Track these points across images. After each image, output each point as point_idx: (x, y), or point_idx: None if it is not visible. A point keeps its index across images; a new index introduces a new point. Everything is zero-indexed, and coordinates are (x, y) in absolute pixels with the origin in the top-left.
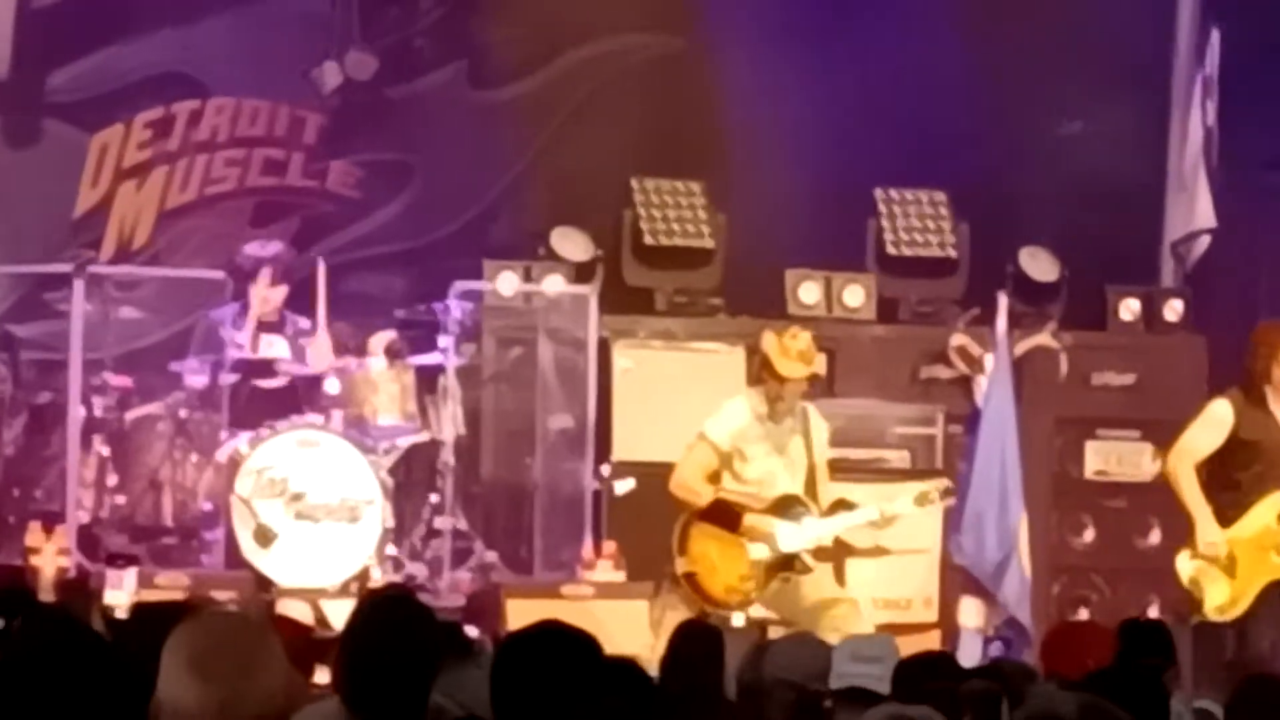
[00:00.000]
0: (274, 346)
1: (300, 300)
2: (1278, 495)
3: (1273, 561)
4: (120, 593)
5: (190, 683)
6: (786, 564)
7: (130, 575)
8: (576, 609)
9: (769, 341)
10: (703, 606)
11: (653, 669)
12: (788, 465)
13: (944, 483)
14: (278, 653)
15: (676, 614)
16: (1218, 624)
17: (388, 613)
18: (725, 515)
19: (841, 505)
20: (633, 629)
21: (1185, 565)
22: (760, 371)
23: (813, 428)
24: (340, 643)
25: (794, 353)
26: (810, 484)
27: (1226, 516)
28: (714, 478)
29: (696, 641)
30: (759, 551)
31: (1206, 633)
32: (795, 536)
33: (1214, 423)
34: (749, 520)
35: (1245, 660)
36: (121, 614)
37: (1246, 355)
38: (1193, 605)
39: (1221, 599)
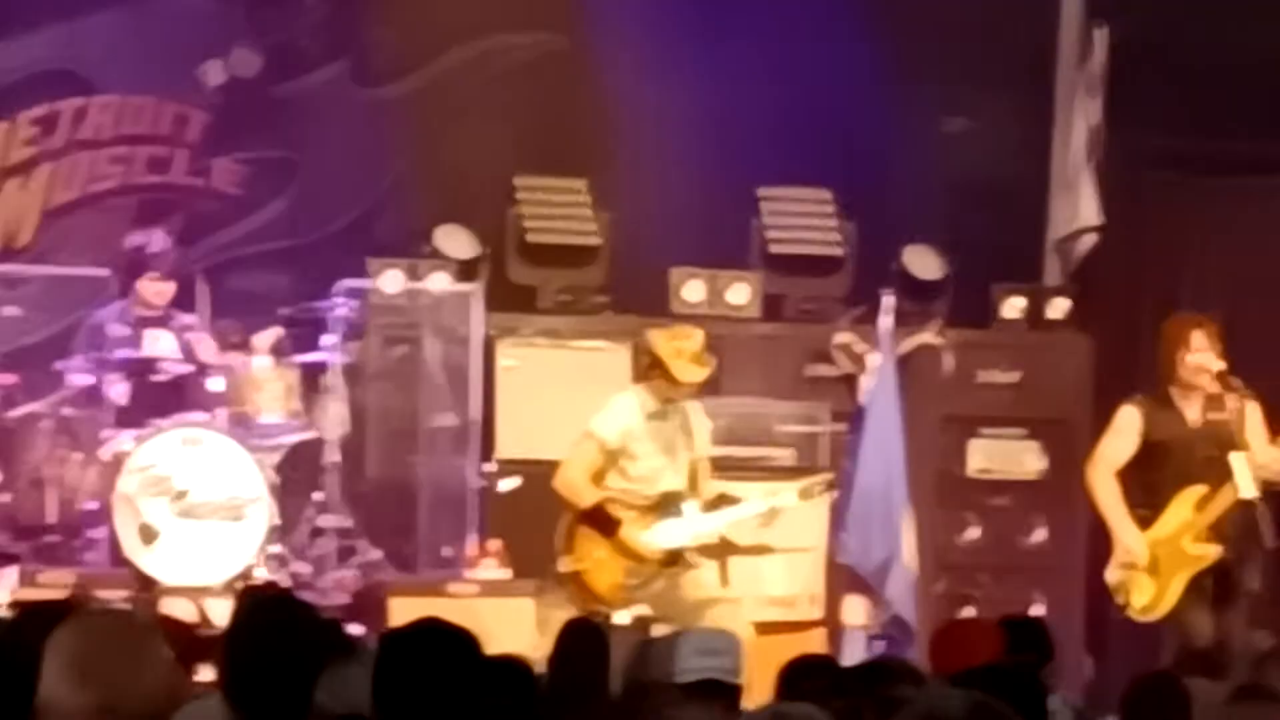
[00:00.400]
0: (160, 341)
1: (185, 297)
2: (1193, 489)
3: (1189, 553)
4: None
5: (72, 683)
6: (672, 561)
7: (10, 574)
8: (461, 607)
9: (660, 344)
10: (588, 604)
11: (539, 667)
12: (673, 462)
13: (827, 476)
14: (162, 651)
15: (563, 613)
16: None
17: (271, 612)
18: (605, 522)
19: (725, 500)
20: (518, 627)
21: (1112, 574)
22: (649, 370)
23: (694, 424)
24: (223, 642)
25: (688, 355)
26: (693, 481)
27: (1143, 518)
28: (599, 475)
29: (582, 639)
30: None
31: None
32: (679, 533)
33: (1124, 429)
34: (624, 534)
35: (1185, 655)
36: (1, 612)
37: (1157, 353)
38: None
39: (1145, 600)
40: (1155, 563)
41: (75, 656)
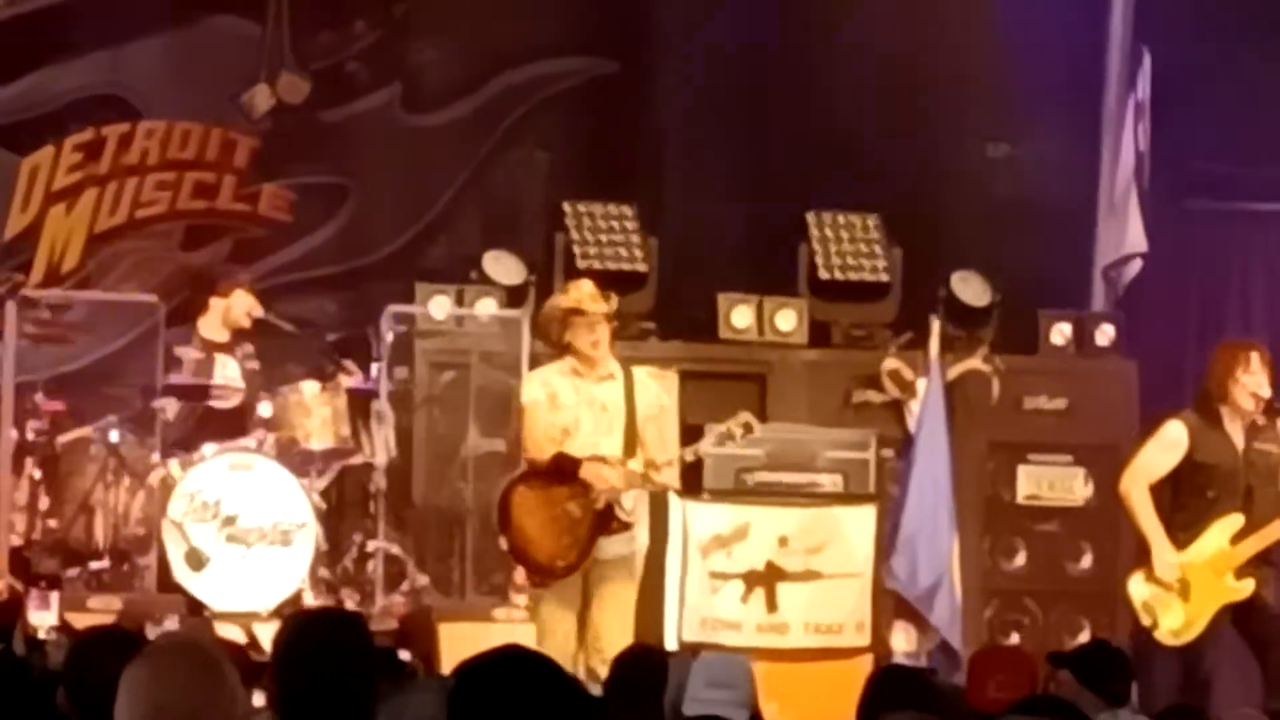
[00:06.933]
0: (227, 368)
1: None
2: (1231, 518)
3: (1226, 585)
4: (46, 614)
5: None
6: (603, 523)
7: (54, 597)
8: (508, 632)
9: (554, 308)
10: (534, 577)
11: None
12: (604, 419)
13: (744, 416)
14: (233, 684)
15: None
16: None
17: (326, 634)
18: (564, 469)
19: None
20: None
21: (1139, 589)
22: (560, 342)
23: (638, 388)
24: (276, 664)
25: (584, 299)
26: (630, 445)
27: (1179, 539)
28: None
29: (641, 668)
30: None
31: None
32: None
33: (1168, 444)
34: (584, 472)
35: (1196, 684)
36: (45, 635)
37: (1204, 375)
38: (1138, 629)
39: (1176, 623)
40: (1186, 587)
41: (151, 695)
